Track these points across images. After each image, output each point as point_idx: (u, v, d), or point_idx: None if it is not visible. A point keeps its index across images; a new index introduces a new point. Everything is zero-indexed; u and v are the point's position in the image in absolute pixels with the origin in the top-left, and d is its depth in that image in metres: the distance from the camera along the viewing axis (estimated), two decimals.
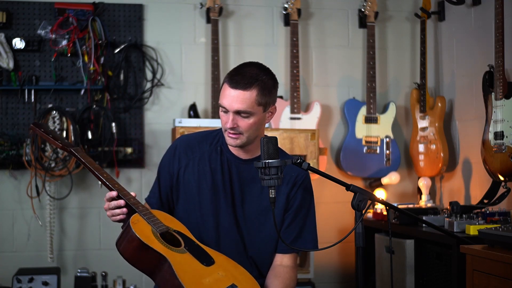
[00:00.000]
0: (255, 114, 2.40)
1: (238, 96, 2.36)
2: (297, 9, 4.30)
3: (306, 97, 4.42)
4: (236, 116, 2.39)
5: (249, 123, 2.40)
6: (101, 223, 4.18)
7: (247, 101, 2.37)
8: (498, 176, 3.38)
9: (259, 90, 2.38)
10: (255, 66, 2.45)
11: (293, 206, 2.53)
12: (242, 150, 2.51)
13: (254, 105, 2.38)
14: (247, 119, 2.39)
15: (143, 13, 4.24)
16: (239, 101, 2.36)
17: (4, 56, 3.98)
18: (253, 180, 2.51)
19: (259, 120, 2.42)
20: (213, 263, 2.36)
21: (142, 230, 2.29)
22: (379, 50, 4.46)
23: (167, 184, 2.59)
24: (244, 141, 2.44)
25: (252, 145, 2.50)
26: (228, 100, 2.38)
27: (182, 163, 2.56)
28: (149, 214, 2.37)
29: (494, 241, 2.65)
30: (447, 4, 4.19)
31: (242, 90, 2.37)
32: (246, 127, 2.40)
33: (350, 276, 4.42)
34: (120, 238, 2.31)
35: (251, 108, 2.38)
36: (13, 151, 3.97)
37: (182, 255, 2.31)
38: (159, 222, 2.36)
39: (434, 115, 4.12)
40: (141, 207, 2.38)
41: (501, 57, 3.35)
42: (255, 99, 2.38)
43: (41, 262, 4.04)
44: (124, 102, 4.18)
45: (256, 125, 2.42)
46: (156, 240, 2.29)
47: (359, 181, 4.43)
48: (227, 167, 2.53)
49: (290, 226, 2.53)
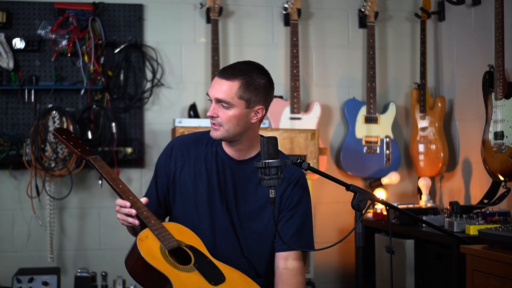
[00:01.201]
0: (235, 106, 2.40)
1: (221, 85, 2.41)
2: (297, 9, 4.30)
3: (306, 97, 4.42)
4: (216, 105, 2.42)
5: (229, 115, 2.41)
6: (101, 223, 4.18)
7: (227, 91, 2.40)
8: (498, 176, 3.38)
9: (242, 84, 2.40)
10: (252, 64, 2.47)
11: (289, 205, 2.51)
12: (234, 150, 2.51)
13: (234, 96, 2.40)
14: (227, 110, 2.41)
15: (143, 13, 4.24)
16: (220, 89, 2.41)
17: (4, 56, 3.98)
18: (247, 180, 2.51)
19: (240, 114, 2.42)
20: (222, 281, 2.30)
21: (149, 248, 2.26)
22: (379, 50, 4.46)
23: (164, 184, 2.59)
24: (224, 134, 2.43)
25: (241, 145, 2.49)
26: (212, 88, 2.44)
27: (178, 164, 2.56)
28: (161, 228, 2.33)
29: (494, 241, 2.65)
30: (447, 4, 4.19)
31: (225, 80, 2.41)
32: (225, 118, 2.41)
33: (350, 276, 4.42)
34: (128, 255, 2.29)
35: (231, 99, 2.40)
36: (13, 151, 3.97)
37: (188, 274, 2.26)
38: (170, 237, 2.32)
39: (434, 115, 4.12)
40: (154, 220, 2.34)
41: (501, 57, 3.35)
42: (236, 91, 2.40)
43: (41, 262, 4.04)
44: (124, 102, 4.18)
45: (236, 119, 2.42)
46: (162, 259, 2.24)
47: (359, 181, 4.43)
48: (222, 168, 2.53)
49: (286, 224, 2.51)
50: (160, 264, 2.23)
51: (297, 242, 2.50)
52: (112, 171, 2.52)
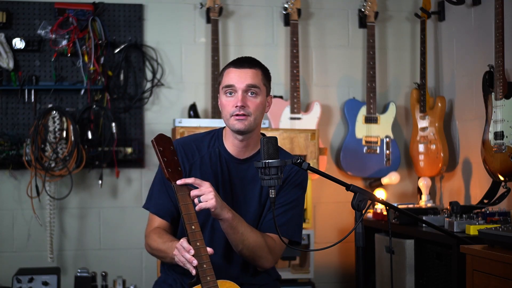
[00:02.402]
0: (261, 93, 2.45)
1: (247, 72, 2.43)
2: (297, 9, 4.30)
3: (306, 97, 4.42)
4: (244, 95, 2.42)
5: (257, 103, 2.43)
6: (101, 223, 4.18)
7: (255, 77, 2.44)
8: (498, 176, 3.38)
9: (263, 72, 2.48)
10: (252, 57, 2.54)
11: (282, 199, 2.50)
12: (241, 147, 2.50)
13: (261, 82, 2.45)
14: (255, 98, 2.43)
15: (143, 13, 4.24)
16: (248, 76, 2.43)
17: (4, 56, 3.98)
18: (252, 180, 2.51)
19: (263, 102, 2.47)
20: None
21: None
22: (379, 50, 4.46)
23: None
24: (252, 123, 2.43)
25: (251, 139, 2.49)
26: (236, 77, 2.43)
27: (186, 167, 2.51)
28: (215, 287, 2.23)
29: (494, 241, 2.65)
30: (447, 4, 4.19)
31: (248, 68, 2.44)
32: (254, 106, 2.43)
33: (350, 276, 4.42)
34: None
35: (259, 84, 2.44)
36: (13, 151, 3.96)
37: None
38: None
39: (434, 115, 4.12)
40: (210, 277, 2.22)
41: (501, 57, 3.35)
42: (261, 77, 2.46)
43: (41, 262, 4.03)
44: (124, 102, 4.18)
45: (262, 107, 2.46)
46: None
47: (359, 181, 4.43)
48: (226, 168, 2.52)
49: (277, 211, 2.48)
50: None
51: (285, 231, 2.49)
52: (192, 207, 2.30)
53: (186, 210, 2.28)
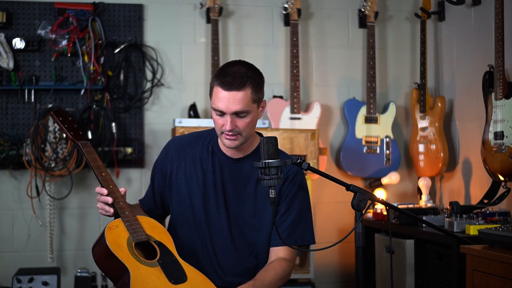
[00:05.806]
0: (251, 112, 2.41)
1: (234, 97, 2.36)
2: (297, 9, 4.30)
3: (306, 97, 4.42)
4: (233, 117, 2.38)
5: (247, 122, 2.40)
6: (101, 223, 4.18)
7: (243, 101, 2.36)
8: (498, 176, 3.38)
9: (252, 88, 2.39)
10: (241, 64, 2.44)
11: (284, 200, 2.51)
12: (236, 150, 2.51)
13: (250, 103, 2.39)
14: (245, 118, 2.40)
15: (143, 13, 4.24)
16: (235, 102, 2.36)
17: (4, 56, 3.98)
18: (245, 179, 2.52)
19: (254, 117, 2.44)
20: (183, 281, 2.30)
21: (116, 238, 2.28)
22: (379, 50, 4.46)
23: (161, 185, 2.61)
24: (242, 141, 2.44)
25: (245, 144, 2.50)
26: (224, 102, 2.37)
27: (174, 164, 2.57)
28: (133, 221, 2.34)
29: (494, 241, 2.65)
30: (447, 4, 4.19)
31: (236, 91, 2.36)
32: (244, 126, 2.40)
33: (350, 276, 4.43)
34: (96, 242, 2.32)
35: (248, 107, 2.38)
36: (13, 151, 3.96)
37: (149, 269, 2.27)
38: (140, 231, 2.33)
39: (434, 115, 4.12)
40: (128, 212, 2.36)
41: (501, 57, 3.35)
42: (250, 97, 2.38)
43: (41, 262, 4.04)
44: (124, 102, 4.18)
45: (252, 123, 2.43)
46: (126, 250, 2.26)
47: (359, 181, 4.43)
48: (219, 167, 2.53)
49: (281, 219, 2.51)
50: (122, 254, 2.24)
51: (291, 234, 2.50)
52: (99, 159, 2.52)
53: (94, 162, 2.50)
